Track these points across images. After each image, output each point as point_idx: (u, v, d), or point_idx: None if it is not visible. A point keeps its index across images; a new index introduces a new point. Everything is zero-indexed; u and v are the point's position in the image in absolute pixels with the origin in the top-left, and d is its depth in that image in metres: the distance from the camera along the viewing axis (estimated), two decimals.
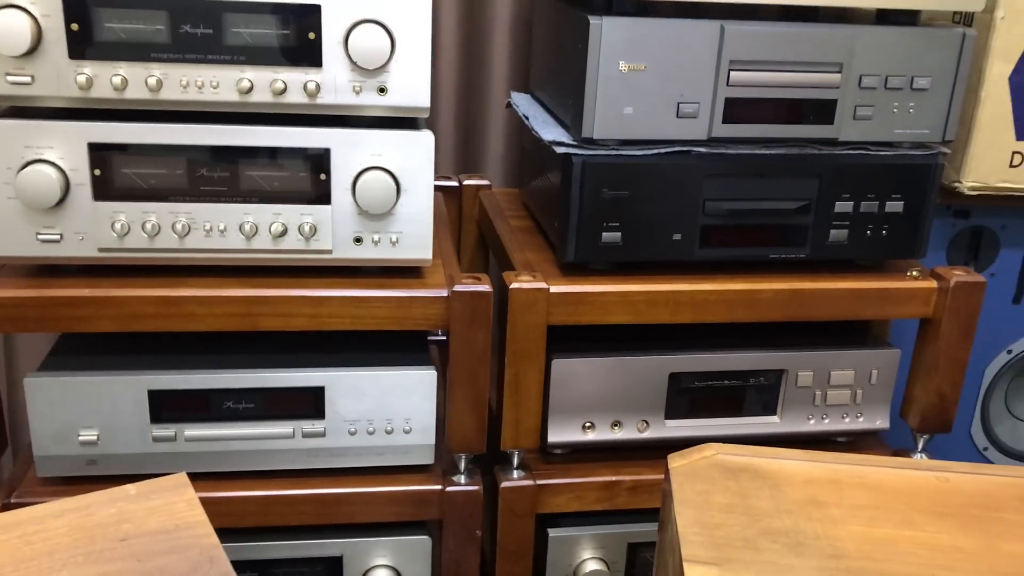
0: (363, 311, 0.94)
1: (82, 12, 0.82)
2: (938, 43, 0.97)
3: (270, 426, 0.98)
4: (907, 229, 1.03)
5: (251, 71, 0.86)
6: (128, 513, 0.64)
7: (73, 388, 0.94)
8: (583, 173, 0.95)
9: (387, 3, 0.86)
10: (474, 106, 1.33)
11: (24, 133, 0.86)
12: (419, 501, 1.01)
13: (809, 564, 0.62)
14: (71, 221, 0.89)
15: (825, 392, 1.08)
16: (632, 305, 0.99)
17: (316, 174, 0.90)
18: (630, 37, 0.92)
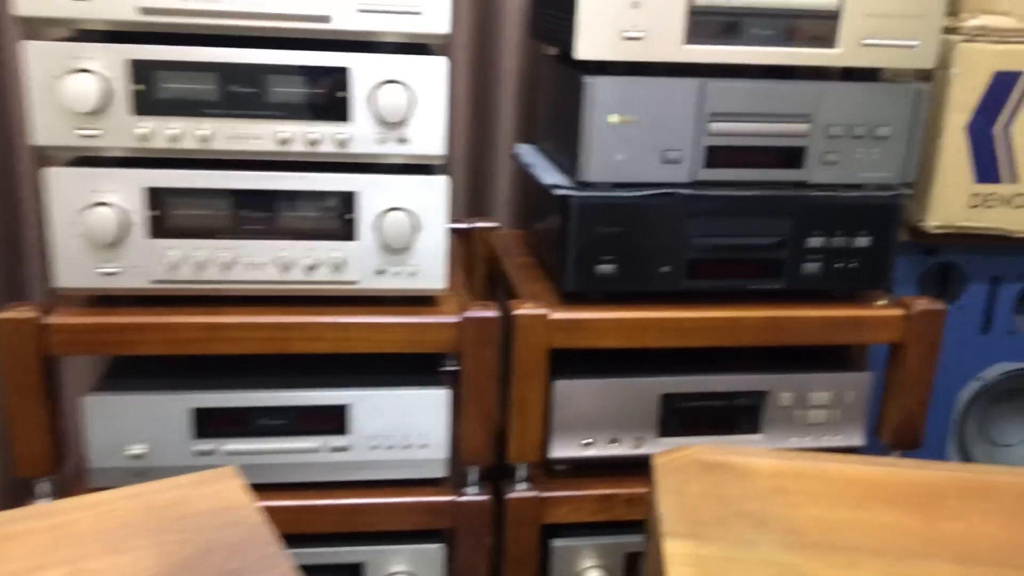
0: (384, 335, 1.05)
1: (145, 75, 0.95)
2: (896, 96, 1.09)
3: (299, 441, 1.08)
4: (874, 262, 1.14)
5: (289, 125, 0.99)
6: (185, 497, 0.74)
7: (126, 406, 1.05)
8: (580, 212, 1.07)
9: (408, 65, 0.98)
10: (484, 156, 1.46)
11: (90, 179, 0.99)
12: (433, 511, 1.11)
13: (772, 538, 0.72)
14: (128, 256, 1.01)
15: (805, 412, 1.18)
16: (625, 331, 1.10)
17: (344, 214, 1.02)
18: (620, 94, 1.04)
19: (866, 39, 1.06)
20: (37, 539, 0.68)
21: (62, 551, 0.67)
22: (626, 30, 1.02)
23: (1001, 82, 1.19)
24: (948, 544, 0.72)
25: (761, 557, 0.70)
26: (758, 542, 0.72)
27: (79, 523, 0.70)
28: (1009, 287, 1.34)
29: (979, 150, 1.22)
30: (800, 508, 0.77)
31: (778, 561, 0.69)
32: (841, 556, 0.70)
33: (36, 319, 0.99)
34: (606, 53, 1.03)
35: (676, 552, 0.69)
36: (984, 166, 1.23)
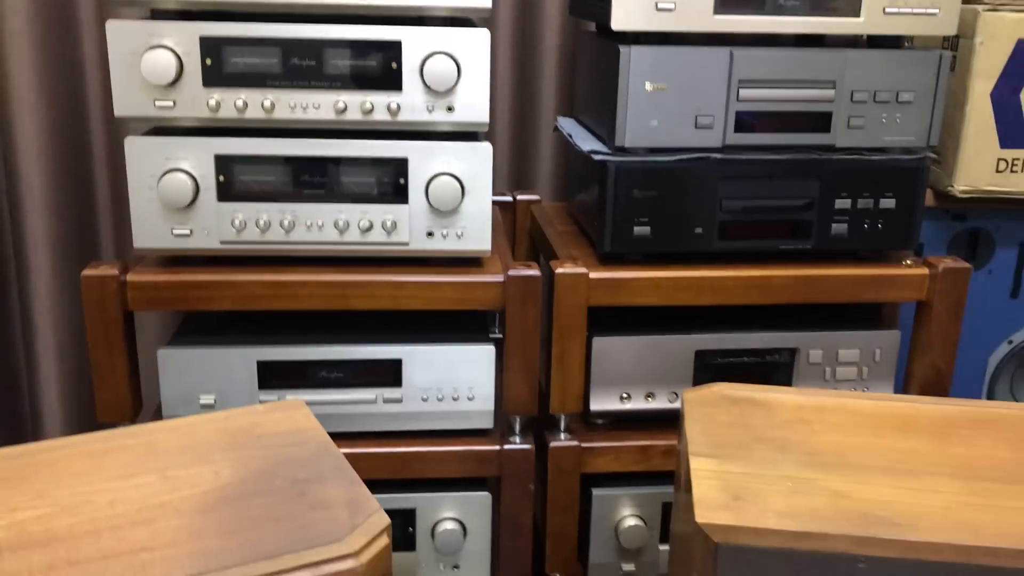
0: (435, 293, 1.12)
1: (215, 50, 1.04)
2: (918, 63, 1.15)
3: (357, 393, 1.16)
4: (900, 223, 1.19)
5: (345, 95, 1.07)
6: (260, 421, 0.83)
7: (197, 359, 1.14)
8: (617, 176, 1.13)
9: (454, 37, 1.06)
10: (527, 130, 1.53)
11: (165, 148, 1.08)
12: (481, 460, 1.19)
13: (791, 458, 0.78)
14: (199, 219, 1.10)
15: (834, 368, 1.24)
16: (661, 289, 1.16)
17: (396, 179, 1.10)
18: (654, 62, 1.11)
19: (888, 7, 1.11)
20: (129, 453, 0.77)
21: (151, 462, 0.76)
22: (659, 2, 1.08)
23: None
24: (955, 464, 0.78)
25: (780, 473, 0.76)
26: (778, 461, 0.78)
27: (165, 441, 0.79)
28: None
29: (1004, 116, 1.26)
30: (819, 435, 0.83)
31: (796, 476, 0.75)
32: (855, 473, 0.76)
33: (116, 277, 1.08)
34: (641, 24, 1.09)
35: (702, 468, 0.76)
36: (1009, 132, 1.27)
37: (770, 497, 0.72)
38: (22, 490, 0.71)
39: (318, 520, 0.68)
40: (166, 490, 0.72)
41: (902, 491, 0.74)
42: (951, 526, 0.69)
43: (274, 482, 0.73)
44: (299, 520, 0.68)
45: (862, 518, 0.70)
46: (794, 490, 0.73)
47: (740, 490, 0.73)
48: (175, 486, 0.72)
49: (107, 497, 0.71)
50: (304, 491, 0.72)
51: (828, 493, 0.73)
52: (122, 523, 0.67)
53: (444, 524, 1.21)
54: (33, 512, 0.69)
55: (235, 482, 0.73)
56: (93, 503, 0.70)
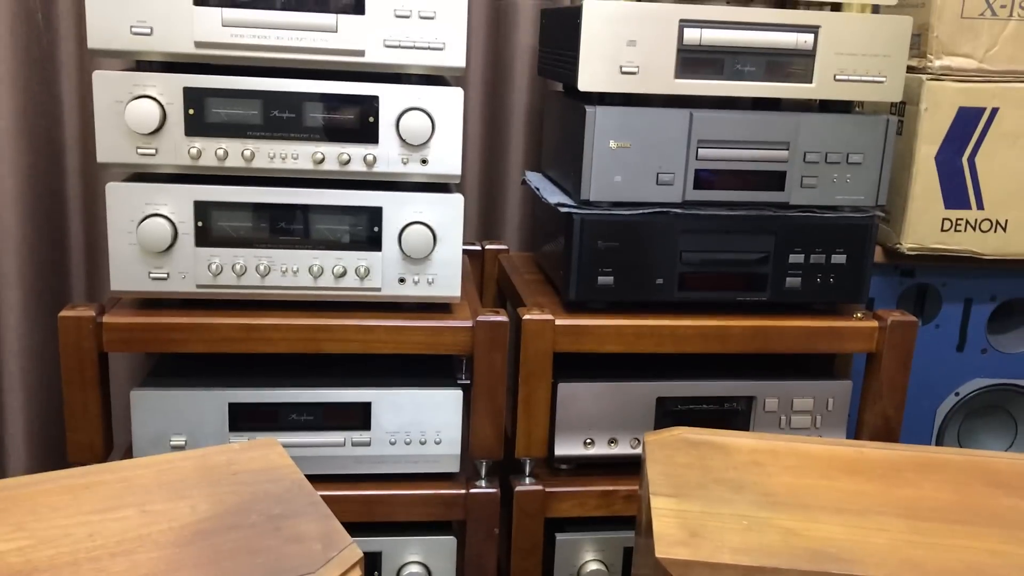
0: (405, 337, 1.16)
1: (197, 100, 1.08)
2: (867, 126, 1.22)
3: (326, 436, 1.19)
4: (851, 277, 1.25)
5: (323, 146, 1.11)
6: (235, 459, 0.85)
7: (169, 400, 1.16)
8: (582, 228, 1.18)
9: (429, 95, 1.11)
10: (495, 183, 1.58)
11: (145, 193, 1.11)
12: (447, 503, 1.21)
13: (746, 499, 0.82)
14: (176, 263, 1.13)
15: (789, 416, 1.28)
16: (623, 337, 1.21)
17: (371, 227, 1.14)
18: (618, 122, 1.17)
19: (838, 75, 1.18)
20: (108, 488, 0.79)
21: (129, 497, 0.78)
22: (623, 65, 1.14)
23: (965, 117, 1.31)
24: (901, 504, 0.82)
25: (735, 512, 0.80)
26: (734, 501, 0.82)
27: (143, 477, 0.81)
28: (981, 307, 1.45)
29: (947, 178, 1.34)
30: (773, 477, 0.87)
31: (750, 515, 0.79)
32: (806, 512, 0.80)
33: (93, 318, 1.11)
34: (606, 85, 1.15)
35: (661, 507, 0.80)
36: (953, 193, 1.34)
37: (726, 534, 0.76)
38: (2, 523, 0.73)
39: (293, 553, 0.71)
40: (144, 523, 0.74)
41: (850, 529, 0.78)
42: (896, 562, 0.73)
43: (250, 517, 0.75)
44: (275, 553, 0.70)
45: (812, 554, 0.74)
46: (748, 528, 0.77)
47: (697, 527, 0.77)
48: (153, 520, 0.74)
49: (86, 530, 0.73)
50: (279, 526, 0.74)
51: (780, 531, 0.77)
52: (102, 554, 0.69)
53: (409, 568, 1.22)
54: (13, 544, 0.70)
55: (212, 516, 0.75)
56: (72, 536, 0.72)
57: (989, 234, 1.37)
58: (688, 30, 1.15)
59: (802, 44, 1.17)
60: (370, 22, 1.08)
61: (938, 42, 1.31)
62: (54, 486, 0.79)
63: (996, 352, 1.47)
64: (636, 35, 1.14)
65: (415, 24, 1.09)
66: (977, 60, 1.31)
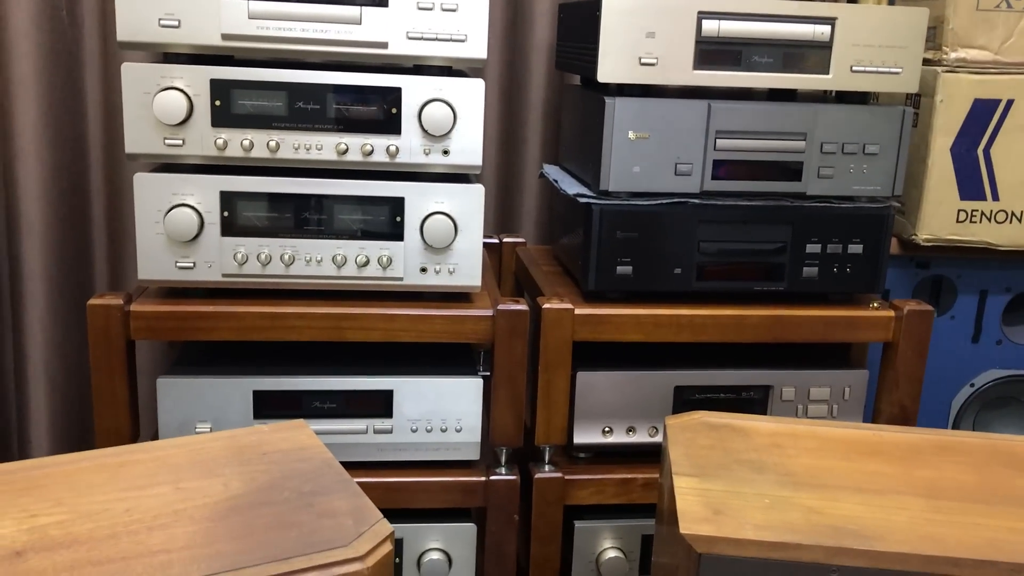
0: (427, 326, 1.17)
1: (223, 92, 1.10)
2: (883, 117, 1.23)
3: (349, 423, 1.20)
4: (867, 267, 1.26)
5: (347, 137, 1.13)
6: (265, 440, 0.87)
7: (195, 388, 1.17)
8: (601, 218, 1.20)
9: (451, 86, 1.13)
10: (513, 177, 1.60)
11: (172, 183, 1.13)
12: (467, 490, 1.23)
13: (767, 478, 0.84)
14: (203, 252, 1.15)
15: (806, 405, 1.29)
16: (642, 326, 1.22)
17: (393, 217, 1.16)
18: (637, 113, 1.18)
19: (855, 66, 1.19)
20: (142, 467, 0.81)
21: (163, 475, 0.80)
22: (642, 56, 1.16)
23: (980, 108, 1.32)
24: (920, 484, 0.84)
25: (756, 491, 0.81)
26: (755, 481, 0.83)
27: (176, 456, 0.83)
28: (996, 299, 1.46)
29: (963, 170, 1.35)
30: (794, 458, 0.88)
31: (771, 494, 0.81)
32: (826, 492, 0.82)
33: (120, 306, 1.13)
34: (625, 76, 1.17)
35: (684, 486, 0.81)
36: (968, 184, 1.35)
37: (748, 512, 0.77)
38: (41, 498, 0.75)
39: (325, 527, 0.72)
40: (179, 500, 0.76)
41: (871, 508, 0.79)
42: (916, 539, 0.75)
43: (282, 493, 0.77)
44: (307, 527, 0.72)
45: (834, 531, 0.75)
46: (770, 506, 0.79)
47: (720, 505, 0.78)
48: (187, 496, 0.76)
49: (123, 505, 0.74)
50: (311, 502, 0.76)
51: (802, 509, 0.78)
52: (139, 528, 0.71)
53: (430, 555, 1.24)
54: (53, 518, 0.72)
55: (245, 493, 0.77)
56: (110, 510, 0.74)
57: (1004, 225, 1.38)
58: (706, 22, 1.16)
59: (819, 36, 1.18)
60: (393, 14, 1.10)
61: (953, 34, 1.32)
62: (90, 464, 0.81)
63: (1011, 343, 1.48)
64: (654, 27, 1.15)
65: (437, 16, 1.10)
66: (992, 52, 1.32)
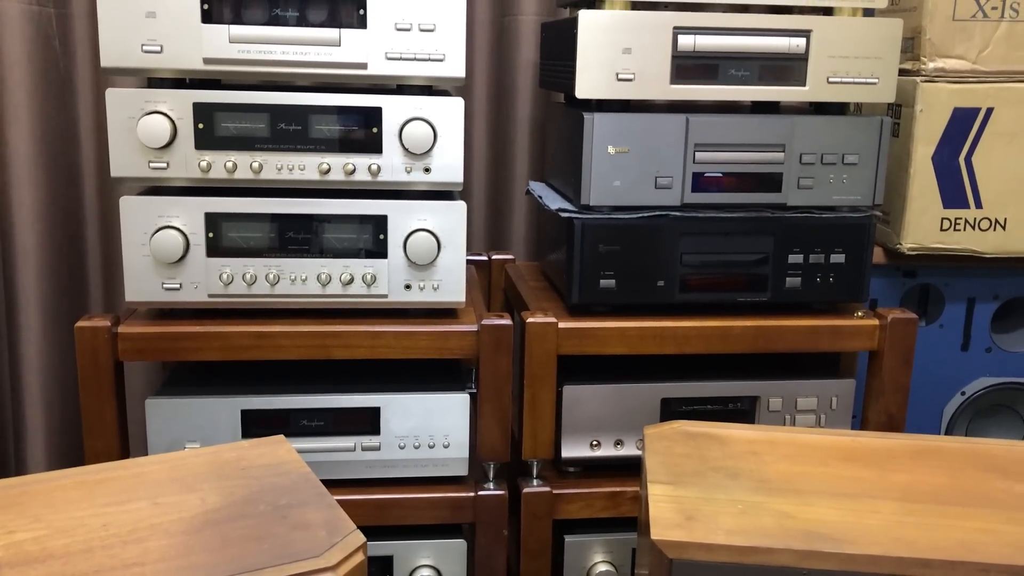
0: (412, 343, 1.18)
1: (207, 115, 1.12)
2: (861, 128, 1.24)
3: (336, 441, 1.21)
4: (850, 277, 1.27)
5: (329, 157, 1.14)
6: (245, 455, 0.88)
7: (184, 408, 1.19)
8: (583, 232, 1.21)
9: (431, 105, 1.14)
10: (501, 194, 1.61)
11: (158, 206, 1.14)
12: (456, 506, 1.23)
13: (742, 485, 0.84)
14: (189, 273, 1.16)
15: (794, 416, 1.30)
16: (626, 338, 1.23)
17: (376, 235, 1.17)
18: (616, 128, 1.19)
19: (831, 77, 1.21)
20: (121, 483, 0.82)
21: (141, 491, 0.81)
22: (620, 72, 1.17)
23: (960, 117, 1.33)
24: (895, 488, 0.84)
25: (730, 497, 0.82)
26: (729, 487, 0.83)
27: (155, 472, 0.84)
28: (984, 307, 1.46)
29: (945, 178, 1.36)
30: (768, 465, 0.88)
31: (745, 500, 0.81)
32: (801, 497, 0.82)
33: (108, 328, 1.14)
34: (603, 92, 1.18)
35: (659, 493, 0.81)
36: (951, 192, 1.36)
37: (721, 517, 0.78)
38: (19, 515, 0.76)
39: (298, 539, 0.73)
40: (156, 514, 0.76)
41: (844, 512, 0.79)
42: (888, 541, 0.75)
43: (257, 507, 0.78)
44: (281, 539, 0.73)
45: (806, 535, 0.75)
46: (743, 511, 0.79)
47: (693, 511, 0.79)
48: (164, 511, 0.77)
49: (100, 520, 0.75)
50: (285, 514, 0.77)
51: (775, 514, 0.79)
52: (114, 543, 0.72)
53: (421, 571, 1.24)
54: (30, 534, 0.73)
55: (221, 507, 0.78)
56: (86, 526, 0.74)
57: (988, 233, 1.38)
58: (682, 37, 1.18)
59: (795, 48, 1.20)
60: (372, 36, 1.12)
61: (931, 44, 1.33)
62: (69, 481, 0.82)
63: (1001, 351, 1.48)
64: (631, 43, 1.17)
65: (416, 37, 1.12)
66: (970, 61, 1.33)
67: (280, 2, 1.10)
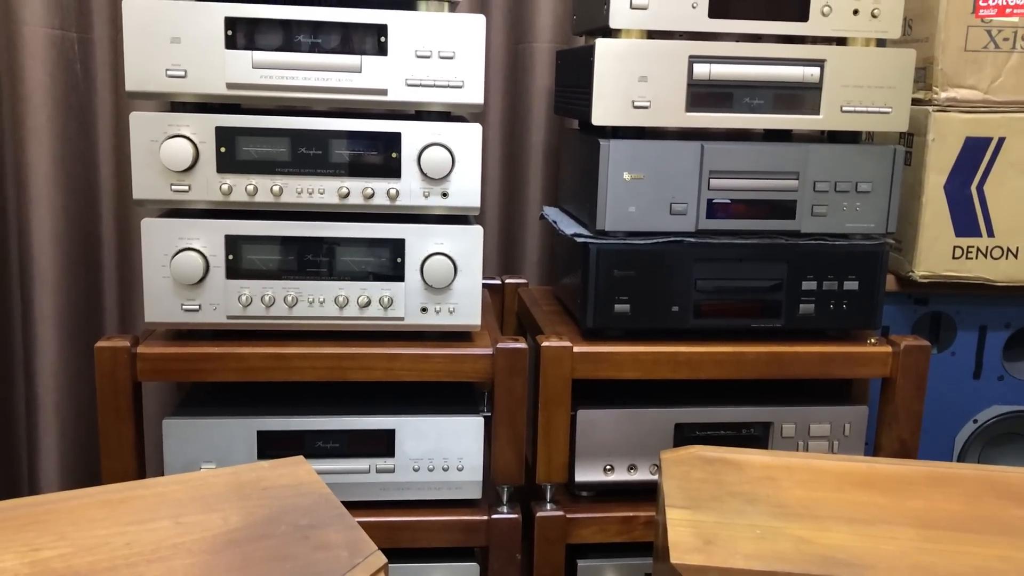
0: (428, 365, 1.19)
1: (228, 139, 1.14)
2: (875, 156, 1.25)
3: (351, 463, 1.22)
4: (863, 304, 1.28)
5: (349, 181, 1.16)
6: (265, 475, 0.89)
7: (200, 429, 1.19)
8: (598, 257, 1.22)
9: (449, 131, 1.16)
10: (515, 219, 1.63)
11: (179, 228, 1.16)
12: (469, 529, 1.23)
13: (759, 510, 0.84)
14: (208, 295, 1.17)
15: (807, 442, 1.30)
16: (641, 363, 1.23)
17: (393, 258, 1.18)
18: (631, 154, 1.21)
19: (845, 106, 1.22)
20: (144, 502, 0.83)
21: (164, 510, 0.81)
22: (635, 100, 1.19)
23: (972, 146, 1.35)
24: (912, 515, 0.84)
25: (748, 523, 0.82)
26: (747, 512, 0.84)
27: (177, 492, 0.85)
28: (996, 335, 1.46)
29: (957, 207, 1.37)
30: (785, 490, 0.89)
31: (763, 525, 0.81)
32: (818, 522, 0.82)
33: (127, 348, 1.15)
34: (619, 119, 1.20)
35: (677, 517, 0.82)
36: (963, 221, 1.37)
37: (739, 542, 0.78)
38: (44, 533, 0.77)
39: (320, 559, 0.73)
40: (179, 534, 0.77)
41: (861, 538, 0.80)
42: (906, 567, 0.75)
43: (279, 527, 0.79)
44: (303, 559, 0.73)
45: (823, 560, 0.76)
46: (761, 536, 0.79)
47: (712, 536, 0.79)
48: (187, 530, 0.78)
49: (123, 539, 0.76)
50: (307, 535, 0.77)
51: (793, 539, 0.79)
52: (138, 561, 0.73)
53: None
54: (55, 551, 0.74)
55: (243, 527, 0.78)
56: (110, 544, 0.75)
57: (1000, 261, 1.39)
58: (697, 65, 1.19)
59: (809, 77, 1.21)
60: (392, 62, 1.13)
61: (943, 74, 1.34)
62: (92, 500, 0.83)
63: (1013, 379, 1.48)
64: (647, 71, 1.19)
65: (435, 64, 1.14)
66: (982, 91, 1.35)
67: (302, 29, 1.12)
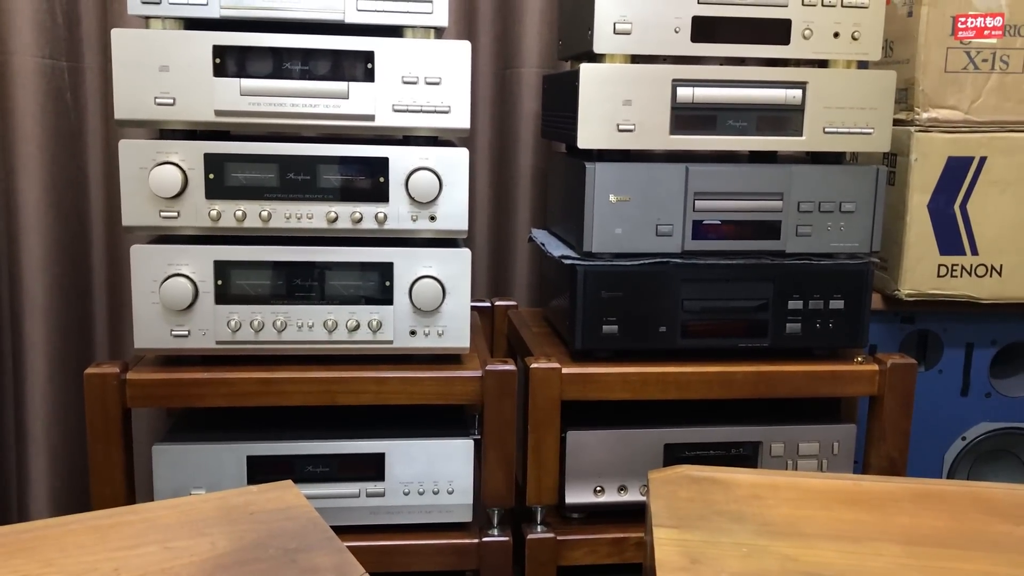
0: (417, 388, 1.20)
1: (217, 165, 1.14)
2: (858, 176, 1.26)
3: (341, 487, 1.22)
4: (850, 322, 1.29)
5: (337, 206, 1.17)
6: (253, 500, 0.89)
7: (190, 455, 1.19)
8: (585, 278, 1.23)
9: (437, 155, 1.17)
10: (504, 242, 1.64)
11: (168, 254, 1.16)
12: (460, 552, 1.23)
13: (746, 528, 0.85)
14: (197, 321, 1.18)
15: (796, 461, 1.30)
16: (629, 384, 1.24)
17: (382, 282, 1.19)
18: (617, 177, 1.22)
19: (827, 127, 1.24)
20: (132, 527, 0.83)
21: (152, 535, 0.81)
22: (620, 123, 1.20)
23: (955, 165, 1.36)
24: (897, 532, 0.85)
25: (735, 541, 0.82)
26: (734, 531, 0.84)
27: (165, 517, 0.85)
28: (983, 352, 1.47)
29: (941, 225, 1.38)
30: (773, 509, 0.89)
31: (749, 544, 0.82)
32: (804, 540, 0.83)
33: (117, 375, 1.15)
34: (604, 143, 1.21)
35: (664, 537, 0.82)
36: (947, 239, 1.38)
37: (725, 560, 0.79)
38: (31, 559, 0.77)
39: None
40: (167, 559, 0.77)
41: (847, 555, 0.80)
42: None
43: (267, 551, 0.79)
44: None
45: None
46: (748, 555, 0.80)
47: (698, 555, 0.79)
48: (175, 555, 0.78)
49: (111, 565, 0.76)
50: (295, 559, 0.78)
51: (778, 557, 0.80)
52: None
53: None
54: None
55: (231, 551, 0.79)
56: (98, 570, 0.75)
57: (985, 279, 1.40)
58: (681, 89, 1.21)
59: (791, 99, 1.23)
60: (380, 88, 1.15)
61: (924, 95, 1.36)
62: (80, 526, 0.83)
63: (1000, 396, 1.49)
64: (631, 95, 1.20)
65: (422, 89, 1.15)
66: (963, 112, 1.37)
67: (290, 56, 1.13)
